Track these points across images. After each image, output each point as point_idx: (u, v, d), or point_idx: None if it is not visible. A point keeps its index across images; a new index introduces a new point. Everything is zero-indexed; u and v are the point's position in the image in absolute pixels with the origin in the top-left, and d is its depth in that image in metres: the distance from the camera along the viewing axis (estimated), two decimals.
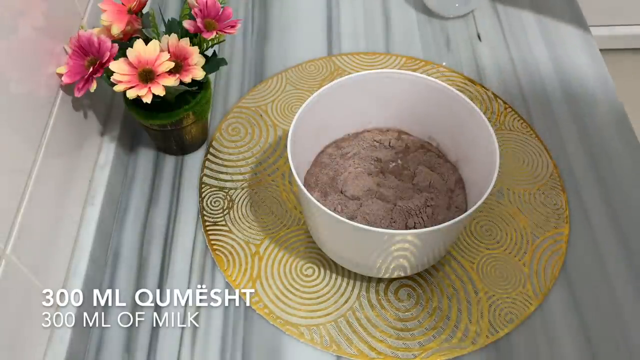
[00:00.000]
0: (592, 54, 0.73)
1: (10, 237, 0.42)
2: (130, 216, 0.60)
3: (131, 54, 0.50)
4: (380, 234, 0.45)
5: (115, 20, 0.52)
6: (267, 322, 0.53)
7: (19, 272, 0.43)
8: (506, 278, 0.55)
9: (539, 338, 0.52)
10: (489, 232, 0.58)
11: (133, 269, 0.56)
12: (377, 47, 0.75)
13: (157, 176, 0.63)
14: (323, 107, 0.54)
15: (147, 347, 0.52)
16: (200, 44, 0.55)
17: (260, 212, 0.60)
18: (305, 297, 0.54)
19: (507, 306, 0.53)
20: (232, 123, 0.67)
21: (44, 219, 0.48)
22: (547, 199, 0.60)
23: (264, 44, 0.75)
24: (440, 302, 0.54)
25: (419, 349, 0.51)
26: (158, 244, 0.58)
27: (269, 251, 0.57)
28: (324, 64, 0.73)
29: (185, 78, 0.52)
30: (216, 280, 0.55)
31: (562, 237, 0.58)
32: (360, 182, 0.56)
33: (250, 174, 0.63)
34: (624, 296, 0.54)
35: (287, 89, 0.70)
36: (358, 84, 0.55)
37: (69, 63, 0.51)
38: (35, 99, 0.48)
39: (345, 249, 0.52)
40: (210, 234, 0.58)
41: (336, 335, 0.52)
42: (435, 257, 0.53)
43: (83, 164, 0.57)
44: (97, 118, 0.60)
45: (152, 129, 0.60)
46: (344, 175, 0.57)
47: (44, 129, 0.48)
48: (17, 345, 0.43)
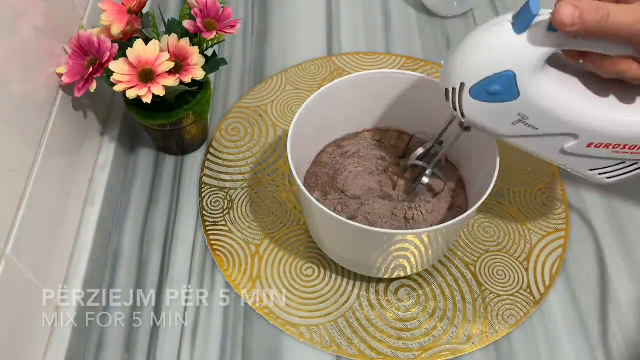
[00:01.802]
0: None
1: (10, 237, 0.42)
2: (130, 216, 0.60)
3: (131, 54, 0.50)
4: (380, 234, 0.45)
5: (115, 20, 0.52)
6: (267, 322, 0.53)
7: (19, 272, 0.43)
8: (506, 278, 0.55)
9: (539, 338, 0.52)
10: (489, 232, 0.58)
11: (133, 269, 0.56)
12: (377, 47, 0.75)
13: (157, 176, 0.63)
14: (323, 107, 0.54)
15: (147, 347, 0.52)
16: (200, 44, 0.55)
17: (260, 212, 0.60)
18: (305, 297, 0.54)
19: (507, 306, 0.53)
20: (232, 123, 0.67)
21: (44, 219, 0.48)
22: (547, 199, 0.60)
23: (264, 44, 0.75)
24: (440, 302, 0.54)
25: (419, 349, 0.51)
26: (158, 244, 0.58)
27: (269, 251, 0.57)
28: (324, 64, 0.73)
29: (185, 78, 0.52)
30: (216, 280, 0.55)
31: (562, 237, 0.58)
32: (360, 181, 0.56)
33: (250, 174, 0.63)
34: (624, 296, 0.54)
35: (287, 89, 0.70)
36: (358, 84, 0.55)
37: (69, 63, 0.51)
38: (35, 99, 0.48)
39: (345, 249, 0.52)
40: (210, 234, 0.58)
41: (336, 335, 0.52)
42: (436, 257, 0.53)
43: (83, 164, 0.57)
44: (97, 118, 0.60)
45: (152, 129, 0.60)
46: (344, 175, 0.57)
47: (43, 129, 0.48)
48: (17, 345, 0.43)
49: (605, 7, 0.36)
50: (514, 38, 0.38)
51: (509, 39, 0.38)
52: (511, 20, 0.39)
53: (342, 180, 0.56)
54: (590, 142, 0.41)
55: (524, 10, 0.37)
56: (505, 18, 0.39)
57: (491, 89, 0.40)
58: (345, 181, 0.56)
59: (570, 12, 0.36)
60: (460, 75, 0.41)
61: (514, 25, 0.38)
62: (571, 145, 0.41)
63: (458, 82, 0.41)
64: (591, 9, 0.36)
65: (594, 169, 0.43)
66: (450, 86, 0.42)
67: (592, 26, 0.36)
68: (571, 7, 0.36)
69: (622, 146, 0.41)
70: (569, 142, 0.41)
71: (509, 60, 0.39)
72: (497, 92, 0.40)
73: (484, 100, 0.41)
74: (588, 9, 0.36)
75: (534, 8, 0.37)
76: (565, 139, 0.41)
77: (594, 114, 0.40)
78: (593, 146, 0.41)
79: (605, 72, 0.39)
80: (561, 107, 0.40)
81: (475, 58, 0.40)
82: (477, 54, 0.40)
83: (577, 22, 0.36)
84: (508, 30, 0.38)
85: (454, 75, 0.41)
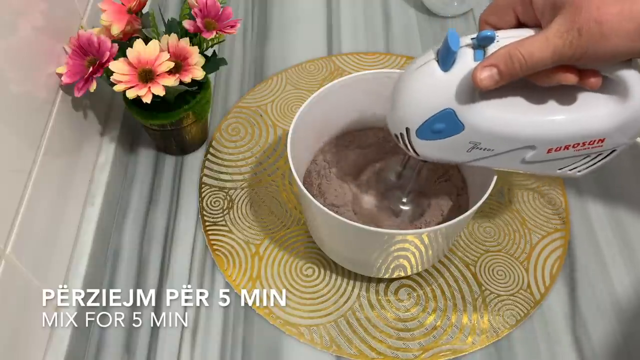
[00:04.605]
0: None
1: (10, 237, 0.42)
2: (130, 216, 0.60)
3: (131, 54, 0.50)
4: (380, 234, 0.45)
5: (115, 20, 0.52)
6: (267, 322, 0.53)
7: (19, 272, 0.43)
8: (506, 278, 0.55)
9: (539, 338, 0.52)
10: (489, 232, 0.58)
11: (133, 269, 0.56)
12: (377, 47, 0.75)
13: (157, 176, 0.63)
14: (323, 107, 0.54)
15: (147, 347, 0.52)
16: (200, 44, 0.55)
17: (260, 212, 0.60)
18: (305, 297, 0.54)
19: (507, 306, 0.53)
20: (232, 123, 0.67)
21: (44, 219, 0.48)
22: (547, 199, 0.60)
23: (264, 44, 0.75)
24: (440, 302, 0.54)
25: (419, 349, 0.51)
26: (158, 244, 0.58)
27: (269, 251, 0.57)
28: (324, 64, 0.72)
29: (185, 78, 0.52)
30: (216, 280, 0.55)
31: (562, 237, 0.58)
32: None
33: (250, 174, 0.63)
34: (624, 296, 0.54)
35: (287, 89, 0.70)
36: (358, 84, 0.55)
37: (69, 63, 0.51)
38: (35, 99, 0.48)
39: (345, 249, 0.52)
40: (210, 234, 0.58)
41: (336, 336, 0.52)
42: (436, 257, 0.53)
43: (83, 164, 0.57)
44: (97, 118, 0.60)
45: (151, 129, 0.60)
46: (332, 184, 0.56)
47: (43, 129, 0.48)
48: (17, 345, 0.43)
49: (516, 53, 0.36)
50: (443, 77, 0.38)
51: (438, 78, 0.39)
52: (436, 58, 0.39)
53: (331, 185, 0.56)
54: (549, 149, 0.41)
55: (444, 48, 0.37)
56: (430, 56, 0.39)
57: (435, 128, 0.40)
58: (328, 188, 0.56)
59: (487, 74, 0.36)
60: (403, 121, 0.41)
61: (439, 62, 0.38)
62: (532, 155, 0.42)
63: (403, 127, 0.41)
64: (506, 62, 0.36)
65: (562, 167, 0.43)
66: (397, 132, 0.42)
67: (516, 73, 0.36)
68: (486, 69, 0.36)
69: (580, 144, 0.41)
70: (529, 153, 0.41)
71: (444, 99, 0.39)
72: (441, 130, 0.40)
73: (432, 139, 0.41)
74: (503, 63, 0.36)
75: (453, 45, 0.37)
76: (524, 151, 0.41)
77: (542, 122, 0.40)
78: (553, 151, 0.41)
79: (543, 84, 0.38)
80: (509, 126, 0.40)
81: (412, 103, 0.40)
82: (413, 98, 0.40)
83: (499, 78, 0.36)
84: (435, 69, 0.39)
85: (398, 122, 0.42)
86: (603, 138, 0.40)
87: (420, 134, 0.41)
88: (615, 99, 0.39)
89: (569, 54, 0.35)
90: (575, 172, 0.44)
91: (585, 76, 0.38)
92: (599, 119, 0.39)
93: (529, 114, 0.40)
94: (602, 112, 0.39)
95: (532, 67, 0.36)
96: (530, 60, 0.36)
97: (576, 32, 0.35)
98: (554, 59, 0.36)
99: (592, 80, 0.38)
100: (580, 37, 0.35)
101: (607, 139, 0.40)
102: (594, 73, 0.37)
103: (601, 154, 0.42)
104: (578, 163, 0.43)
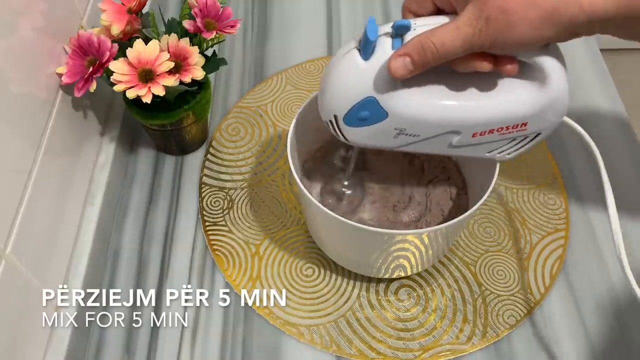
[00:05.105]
0: (592, 54, 0.73)
1: (10, 237, 0.42)
2: (130, 216, 0.60)
3: (131, 54, 0.50)
4: (380, 234, 0.45)
5: (115, 20, 0.52)
6: (267, 322, 0.53)
7: (19, 272, 0.43)
8: (506, 278, 0.55)
9: (539, 338, 0.52)
10: (488, 232, 0.58)
11: (133, 269, 0.56)
12: None
13: (157, 176, 0.63)
14: None
15: (147, 347, 0.52)
16: (200, 44, 0.55)
17: (260, 212, 0.60)
18: (305, 297, 0.54)
19: (507, 306, 0.53)
20: (232, 123, 0.67)
21: (44, 219, 0.48)
22: (547, 199, 0.60)
23: (264, 44, 0.75)
24: (440, 302, 0.54)
25: (419, 349, 0.51)
26: (158, 244, 0.58)
27: (269, 251, 0.57)
28: (324, 64, 0.72)
29: (185, 78, 0.52)
30: (216, 281, 0.55)
31: (562, 237, 0.58)
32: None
33: (250, 174, 0.63)
34: (623, 296, 0.54)
35: (287, 89, 0.70)
36: None
37: (69, 63, 0.51)
38: (34, 99, 0.48)
39: (345, 249, 0.52)
40: (210, 234, 0.58)
41: (336, 336, 0.52)
42: (436, 257, 0.53)
43: (83, 164, 0.57)
44: (97, 118, 0.60)
45: (152, 129, 0.60)
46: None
47: (43, 129, 0.48)
48: (17, 345, 0.43)
49: (428, 42, 0.36)
50: (364, 65, 0.39)
51: (359, 67, 0.39)
52: (357, 47, 0.39)
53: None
54: (474, 133, 0.42)
55: (364, 37, 0.38)
56: (353, 45, 0.40)
57: (361, 116, 0.41)
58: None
59: (400, 63, 0.37)
60: (330, 109, 0.42)
61: (360, 51, 0.39)
62: (458, 140, 0.42)
63: (331, 114, 0.42)
64: (418, 51, 0.37)
65: (490, 151, 0.44)
66: (327, 119, 0.43)
67: (429, 62, 0.37)
68: (400, 58, 0.37)
69: (504, 128, 0.41)
70: (455, 138, 0.42)
71: (365, 87, 0.40)
72: (366, 117, 0.41)
73: (359, 126, 0.42)
74: (416, 52, 0.37)
75: (371, 35, 0.37)
76: (450, 136, 0.42)
77: (464, 107, 0.40)
78: (478, 135, 0.42)
79: (461, 70, 0.39)
80: (431, 112, 0.41)
81: (336, 91, 0.41)
82: (337, 87, 0.41)
83: (412, 67, 0.37)
84: (356, 58, 0.39)
85: (326, 110, 0.43)
86: (525, 122, 0.41)
87: (347, 121, 0.42)
88: (535, 84, 0.39)
89: (479, 42, 0.36)
90: (505, 155, 0.44)
91: (501, 62, 0.38)
92: (519, 103, 0.40)
93: (450, 99, 0.40)
94: (522, 97, 0.40)
95: (444, 56, 0.37)
96: (442, 49, 0.36)
97: (484, 21, 0.35)
98: (465, 48, 0.36)
99: (509, 67, 0.38)
100: (488, 25, 0.35)
101: (530, 122, 0.41)
102: (510, 59, 0.38)
103: (527, 137, 0.43)
104: (505, 146, 0.43)
